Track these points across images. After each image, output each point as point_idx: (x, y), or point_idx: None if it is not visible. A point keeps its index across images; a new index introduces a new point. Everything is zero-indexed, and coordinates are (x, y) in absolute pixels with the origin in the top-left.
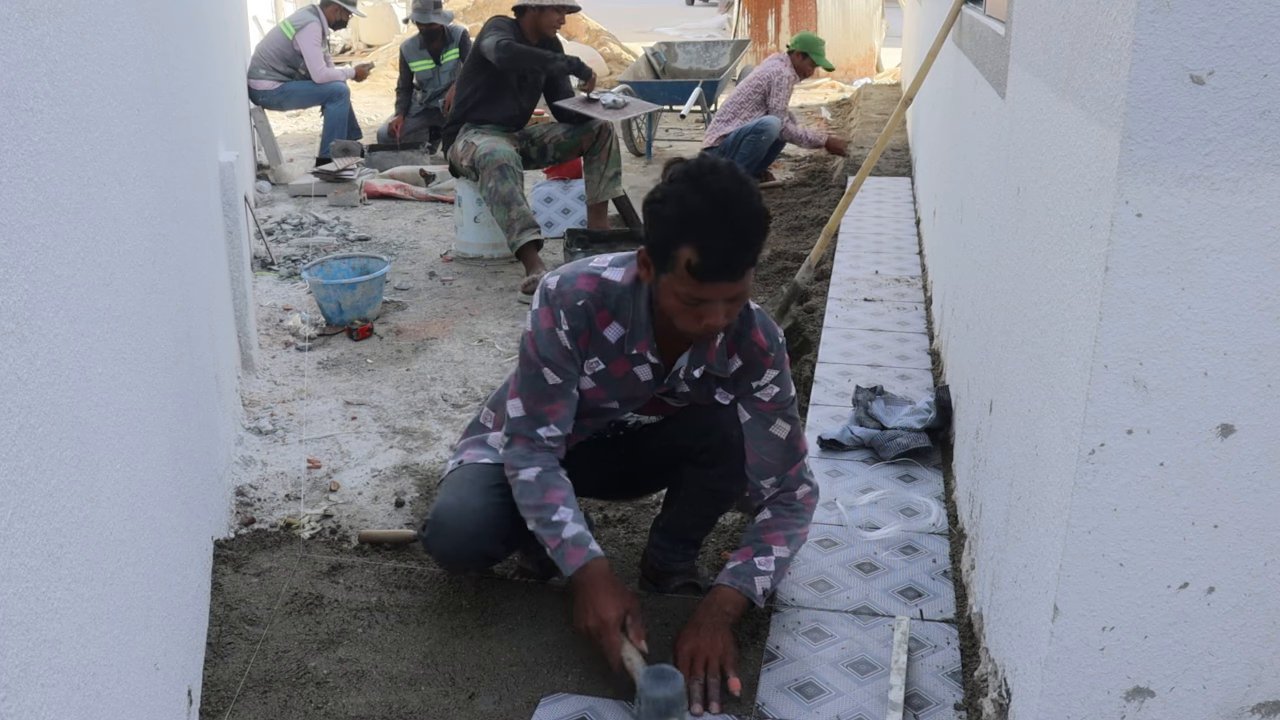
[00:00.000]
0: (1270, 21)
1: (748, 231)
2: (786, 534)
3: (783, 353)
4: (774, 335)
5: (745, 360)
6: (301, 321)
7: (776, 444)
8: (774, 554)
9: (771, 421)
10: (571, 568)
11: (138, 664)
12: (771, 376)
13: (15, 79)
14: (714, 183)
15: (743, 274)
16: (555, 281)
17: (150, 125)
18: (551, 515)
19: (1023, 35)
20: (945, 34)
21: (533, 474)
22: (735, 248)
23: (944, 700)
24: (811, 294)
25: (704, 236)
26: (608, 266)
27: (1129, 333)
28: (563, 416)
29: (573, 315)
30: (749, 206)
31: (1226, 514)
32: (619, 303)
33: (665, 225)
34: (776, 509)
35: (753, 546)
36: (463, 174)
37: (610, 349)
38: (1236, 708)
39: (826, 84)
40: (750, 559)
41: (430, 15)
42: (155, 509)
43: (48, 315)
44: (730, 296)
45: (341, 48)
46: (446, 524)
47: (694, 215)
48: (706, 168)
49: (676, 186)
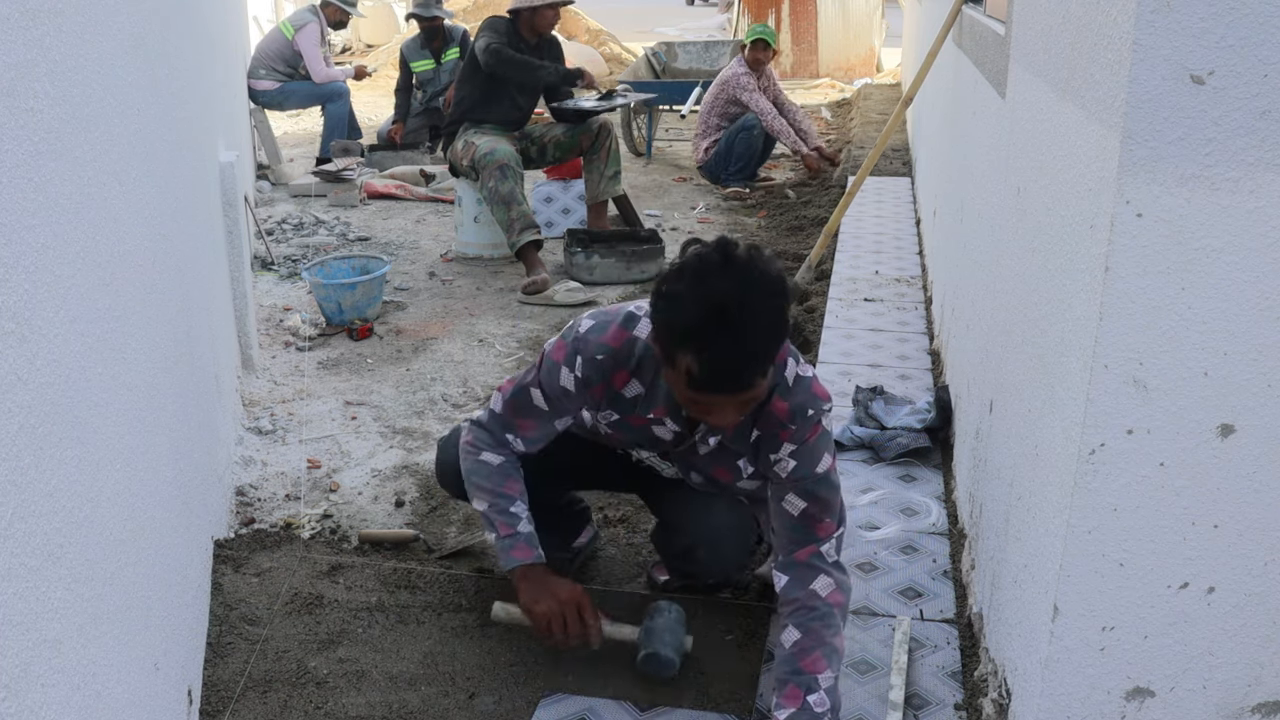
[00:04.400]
0: (1270, 21)
1: (752, 344)
2: (824, 652)
3: (808, 426)
4: (800, 407)
5: (762, 432)
6: (301, 321)
7: (786, 520)
8: (822, 686)
9: (783, 495)
10: (517, 561)
11: (138, 664)
12: (788, 450)
13: (15, 79)
14: (717, 289)
15: (752, 383)
16: (587, 327)
17: (150, 125)
18: (509, 505)
19: (1023, 35)
20: (945, 34)
21: (495, 460)
22: (739, 361)
23: (944, 700)
24: (811, 294)
25: (702, 350)
26: (643, 318)
27: (1129, 333)
28: (532, 436)
29: (588, 365)
30: (755, 317)
31: (1226, 514)
32: (642, 360)
33: (662, 328)
34: (801, 622)
35: (798, 683)
36: (463, 174)
37: (626, 404)
38: (1236, 708)
39: (826, 84)
40: (803, 702)
41: (433, 9)
42: (155, 509)
43: (48, 315)
44: (741, 400)
45: (341, 48)
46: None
47: (691, 326)
48: (715, 265)
49: (679, 285)
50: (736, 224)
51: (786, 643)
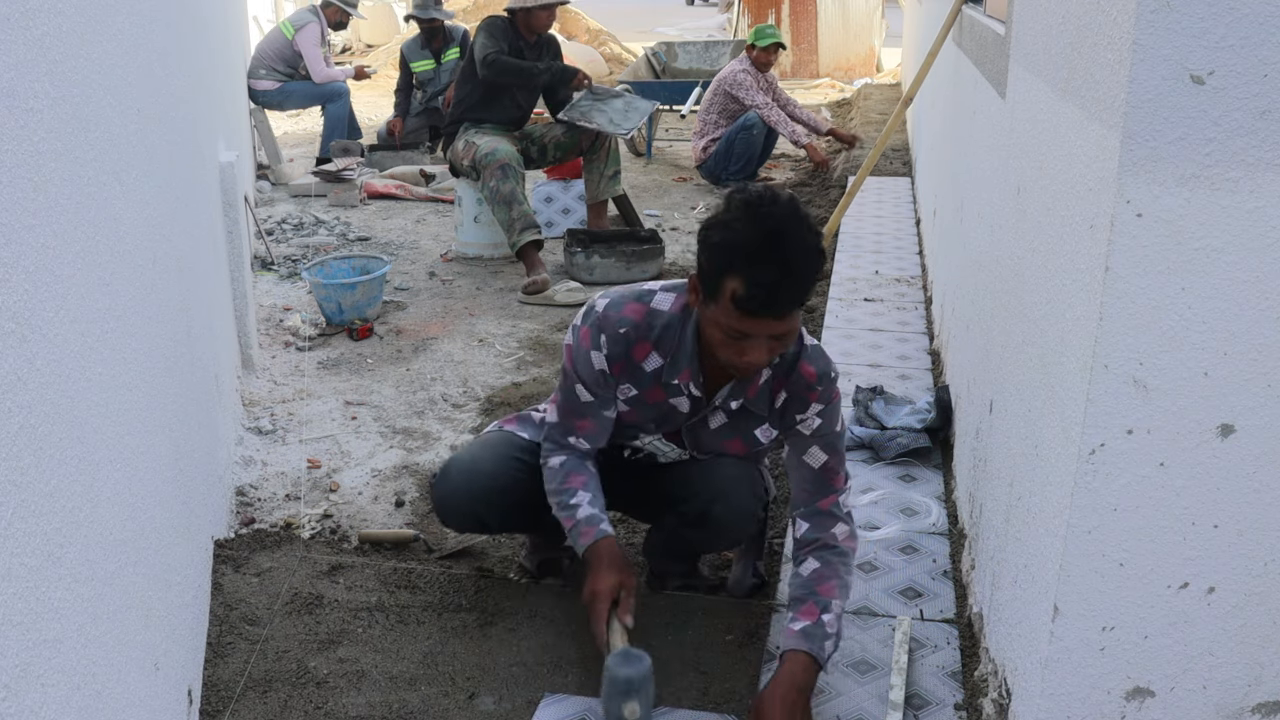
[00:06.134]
0: (1270, 21)
1: (797, 267)
2: (839, 584)
3: (832, 387)
4: (825, 370)
5: (790, 394)
6: (301, 321)
7: (807, 472)
8: (833, 610)
9: (805, 449)
10: (583, 546)
11: (138, 664)
12: (816, 410)
13: (15, 79)
14: (769, 214)
15: (788, 312)
16: (604, 305)
17: (150, 125)
18: (570, 499)
19: (1023, 35)
20: (945, 34)
21: (558, 461)
22: (782, 283)
23: (944, 700)
24: (811, 294)
25: (751, 268)
26: (659, 292)
27: (1129, 333)
28: (591, 432)
29: (613, 340)
30: (802, 242)
31: (1226, 514)
32: (664, 332)
33: (714, 252)
34: (823, 556)
35: (815, 602)
36: (463, 174)
37: (645, 378)
38: (1236, 708)
39: (826, 84)
40: (818, 618)
41: (431, 10)
42: (155, 509)
43: (48, 315)
44: (775, 334)
45: (341, 48)
46: (451, 476)
47: (743, 246)
48: (766, 199)
49: (731, 214)
50: None
51: (805, 571)
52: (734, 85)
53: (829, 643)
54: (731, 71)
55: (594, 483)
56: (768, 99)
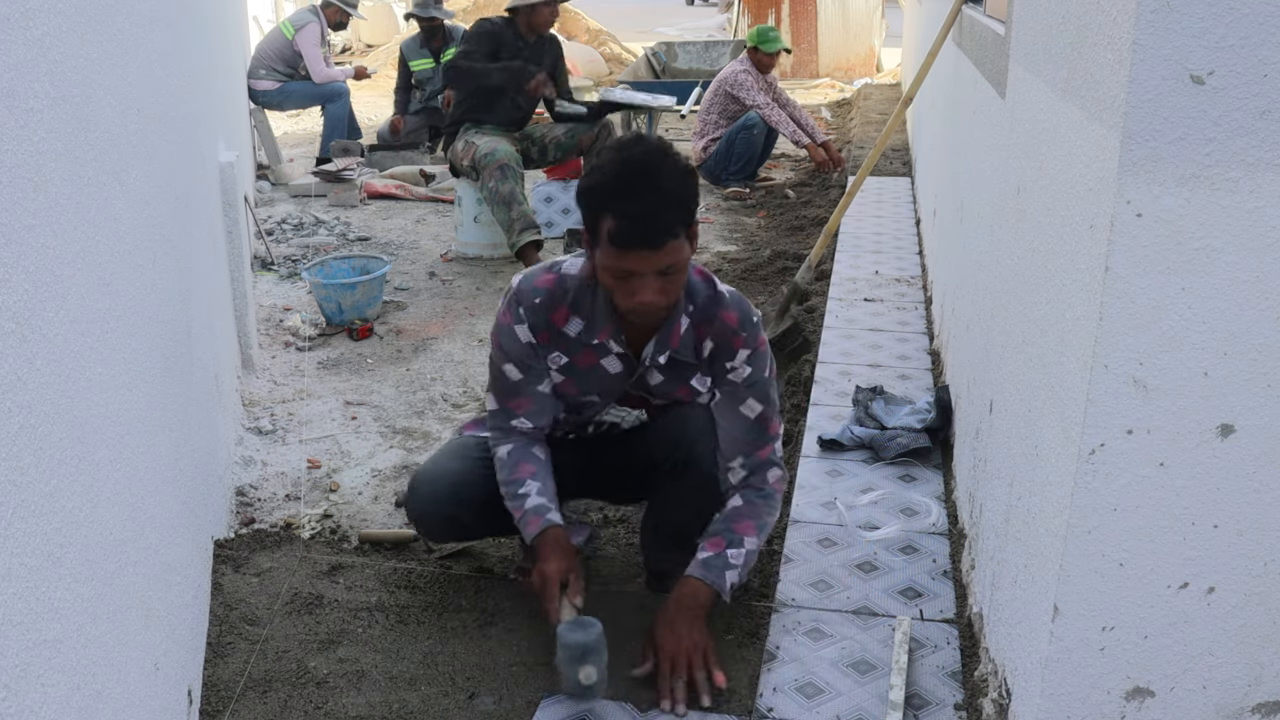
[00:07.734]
0: (1270, 21)
1: (663, 195)
2: (757, 523)
3: (756, 332)
4: (747, 315)
5: (716, 342)
6: (301, 321)
7: (745, 423)
8: (745, 546)
9: (742, 400)
10: (530, 536)
11: (138, 664)
12: (744, 356)
13: (15, 79)
14: (633, 152)
15: (662, 243)
16: (518, 281)
17: (150, 125)
18: (519, 489)
19: (1023, 35)
20: (945, 34)
21: (506, 450)
22: (650, 214)
23: (944, 700)
24: (811, 294)
25: (620, 202)
26: (568, 260)
27: (1129, 333)
28: (530, 409)
29: (531, 311)
30: (666, 176)
31: (1226, 514)
32: (578, 295)
33: (588, 197)
34: (747, 495)
35: (724, 537)
36: (463, 174)
37: (572, 343)
38: (1236, 708)
39: (826, 84)
40: (722, 550)
41: (431, 9)
42: (155, 509)
43: (48, 315)
44: (658, 268)
45: (341, 48)
46: (418, 486)
47: (611, 183)
48: (631, 140)
49: (601, 160)
50: (736, 224)
51: (728, 507)
52: (734, 85)
53: (730, 573)
54: (732, 72)
55: (543, 470)
56: (768, 99)
